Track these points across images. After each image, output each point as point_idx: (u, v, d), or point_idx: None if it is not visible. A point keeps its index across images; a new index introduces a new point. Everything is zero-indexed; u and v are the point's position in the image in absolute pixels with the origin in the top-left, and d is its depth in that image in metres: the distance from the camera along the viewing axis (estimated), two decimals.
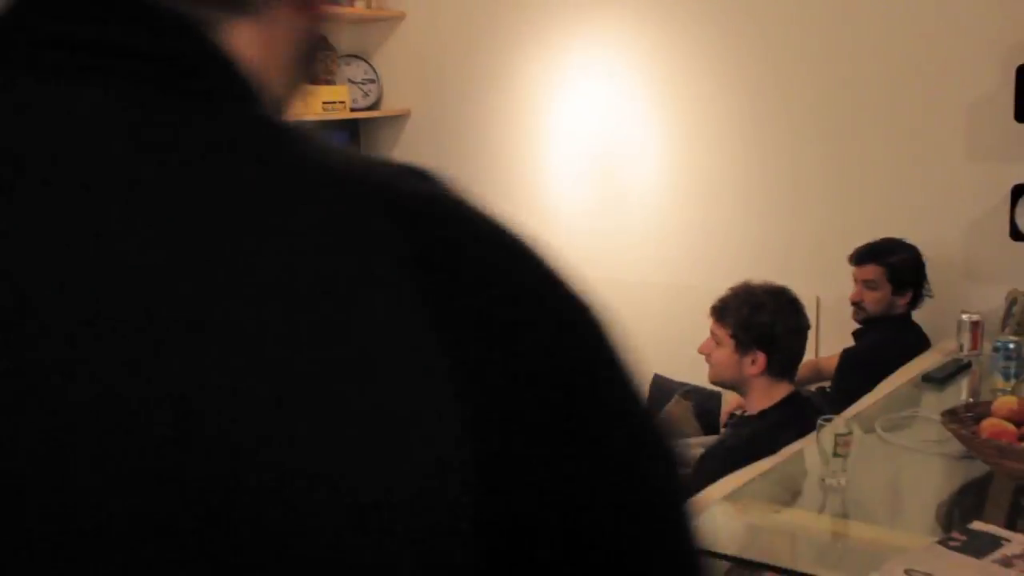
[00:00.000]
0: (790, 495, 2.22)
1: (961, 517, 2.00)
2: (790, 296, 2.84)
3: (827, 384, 3.47)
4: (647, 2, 4.09)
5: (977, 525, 1.89)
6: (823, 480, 2.13)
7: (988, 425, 2.18)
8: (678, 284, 4.13)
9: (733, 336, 2.75)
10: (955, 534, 1.86)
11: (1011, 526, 1.91)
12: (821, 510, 2.10)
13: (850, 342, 3.50)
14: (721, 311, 2.82)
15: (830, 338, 3.57)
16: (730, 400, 3.64)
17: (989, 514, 2.05)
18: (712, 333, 2.83)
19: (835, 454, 2.14)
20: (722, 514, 2.03)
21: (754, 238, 3.94)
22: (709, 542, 2.00)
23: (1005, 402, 2.27)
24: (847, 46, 3.66)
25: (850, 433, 2.14)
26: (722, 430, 3.63)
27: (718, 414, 3.77)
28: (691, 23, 4.00)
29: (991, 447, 2.08)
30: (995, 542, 1.82)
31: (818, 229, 3.78)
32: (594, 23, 4.23)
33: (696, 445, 3.42)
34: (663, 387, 4.02)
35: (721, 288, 3.95)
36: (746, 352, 2.73)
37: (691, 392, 3.88)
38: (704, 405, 3.84)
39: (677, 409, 3.80)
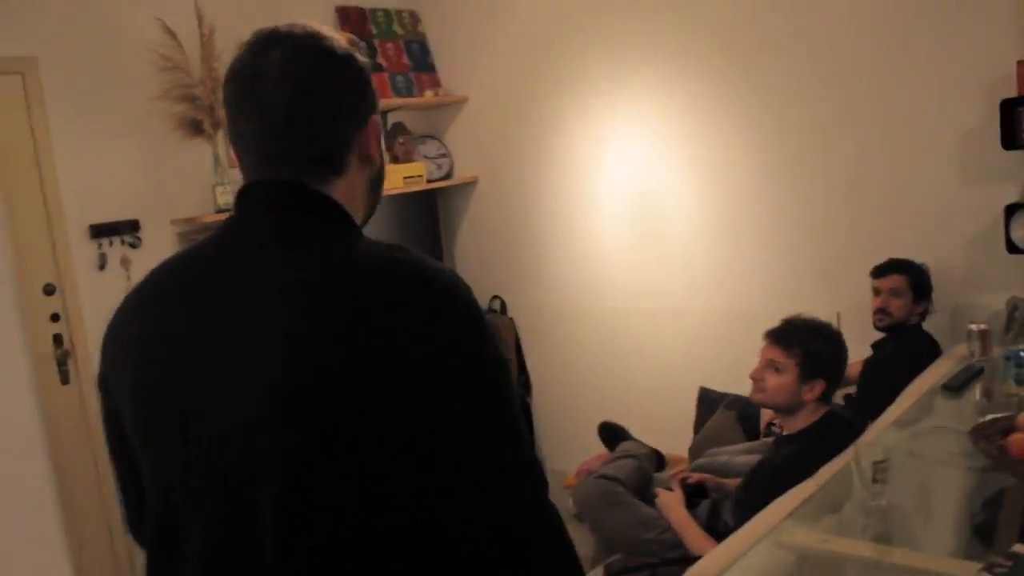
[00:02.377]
0: (835, 518, 1.92)
1: (999, 534, 1.71)
2: (838, 330, 2.48)
3: (852, 390, 3.15)
4: (671, 75, 3.82)
5: (1019, 548, 1.59)
6: (865, 504, 1.85)
7: (1015, 440, 1.87)
8: (713, 308, 3.84)
9: (800, 364, 2.35)
10: (999, 559, 1.56)
11: None
12: (866, 535, 1.80)
13: (867, 351, 3.18)
14: (786, 340, 2.40)
15: (850, 348, 3.25)
16: (767, 410, 3.34)
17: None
18: (769, 360, 2.41)
19: (875, 480, 1.85)
20: (774, 547, 1.75)
21: (776, 264, 3.64)
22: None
23: None
24: (850, 92, 3.34)
25: (887, 460, 1.85)
26: (761, 436, 3.33)
27: (758, 420, 3.46)
28: (710, 87, 3.71)
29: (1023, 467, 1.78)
30: None
31: (833, 254, 3.47)
32: (628, 95, 3.97)
33: (742, 451, 3.14)
34: (709, 398, 3.73)
35: (752, 310, 3.68)
36: (808, 380, 2.35)
37: (733, 402, 3.57)
38: (744, 412, 3.53)
39: (723, 419, 3.50)
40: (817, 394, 2.34)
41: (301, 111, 0.99)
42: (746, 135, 3.65)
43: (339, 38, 1.05)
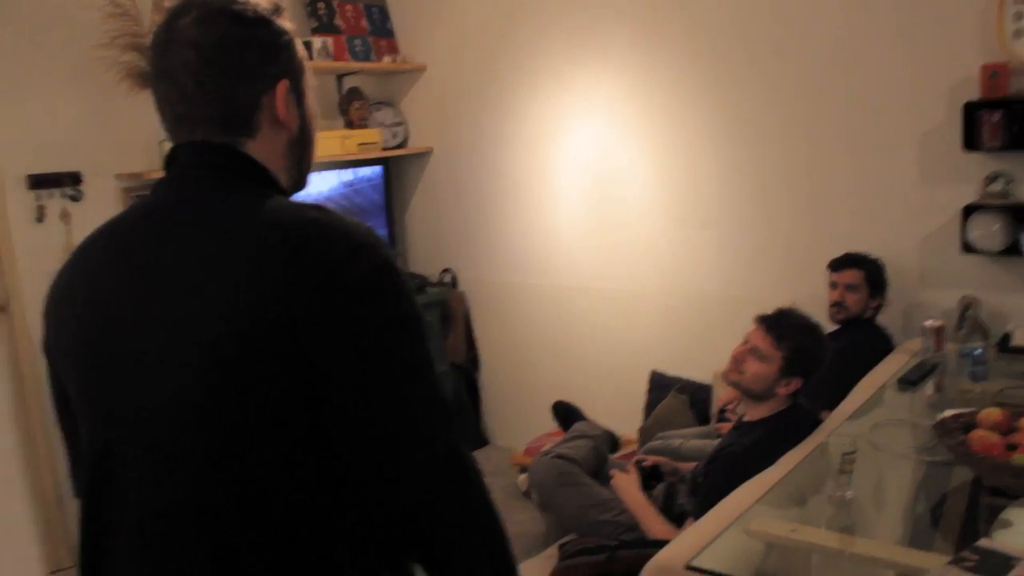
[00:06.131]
0: (800, 508, 1.95)
1: (962, 528, 1.75)
2: (825, 333, 2.46)
3: None
4: (635, 54, 3.80)
5: (985, 543, 1.63)
6: (831, 495, 1.87)
7: (977, 437, 1.91)
8: (668, 291, 3.86)
9: (785, 359, 2.33)
10: (966, 553, 1.59)
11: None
12: (832, 525, 1.83)
13: None
14: (779, 331, 2.36)
15: None
16: (720, 395, 3.38)
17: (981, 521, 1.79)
18: (756, 346, 2.38)
19: (842, 471, 1.88)
20: (742, 535, 1.77)
21: (734, 252, 3.66)
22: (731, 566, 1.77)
23: (990, 413, 2.00)
24: (814, 84, 3.37)
25: (855, 452, 1.88)
26: (712, 421, 3.37)
27: (709, 405, 3.50)
28: (674, 69, 3.71)
29: (988, 464, 1.82)
30: (1006, 562, 1.56)
31: (790, 245, 3.50)
32: (590, 71, 3.94)
33: (694, 435, 3.17)
34: (660, 382, 3.75)
35: (707, 296, 3.72)
36: (787, 375, 2.35)
37: (685, 387, 3.61)
38: (696, 396, 3.57)
39: (675, 402, 3.53)
40: (791, 390, 2.36)
41: (205, 74, 1.03)
42: (710, 123, 3.65)
43: (257, 2, 1.08)
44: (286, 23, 1.11)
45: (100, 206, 3.43)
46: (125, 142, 3.52)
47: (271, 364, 0.92)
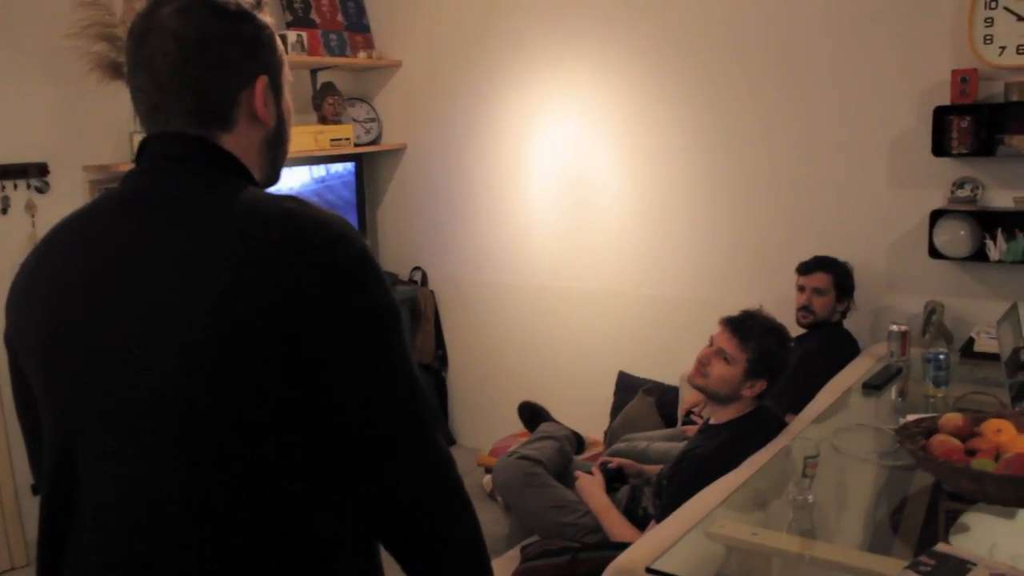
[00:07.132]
0: (762, 511, 1.94)
1: (921, 533, 1.75)
2: (790, 336, 2.46)
3: None
4: (610, 55, 3.79)
5: (942, 547, 1.63)
6: (793, 498, 1.87)
7: (937, 442, 1.91)
8: (638, 293, 3.85)
9: (750, 361, 2.32)
10: (924, 558, 1.58)
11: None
12: (793, 529, 1.82)
13: None
14: (744, 333, 2.35)
15: None
16: (687, 397, 3.37)
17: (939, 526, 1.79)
18: (721, 348, 2.36)
19: (804, 475, 1.87)
20: (704, 537, 1.75)
21: (704, 255, 3.66)
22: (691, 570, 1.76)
23: (951, 419, 2.00)
24: (786, 89, 3.37)
25: (818, 455, 1.87)
26: (679, 423, 3.36)
27: (676, 407, 3.49)
28: (649, 72, 3.70)
29: (947, 469, 1.82)
30: (962, 567, 1.56)
31: (760, 248, 3.50)
32: (567, 73, 3.93)
33: (660, 438, 3.15)
34: (627, 383, 3.74)
35: (676, 298, 3.71)
36: (752, 377, 2.33)
37: (652, 389, 3.60)
38: (663, 398, 3.56)
39: (642, 404, 3.52)
40: (756, 392, 2.35)
41: (184, 65, 1.02)
42: (682, 126, 3.65)
43: None
44: (267, 17, 1.10)
45: (67, 198, 3.38)
46: (94, 133, 3.47)
47: (254, 361, 0.91)
